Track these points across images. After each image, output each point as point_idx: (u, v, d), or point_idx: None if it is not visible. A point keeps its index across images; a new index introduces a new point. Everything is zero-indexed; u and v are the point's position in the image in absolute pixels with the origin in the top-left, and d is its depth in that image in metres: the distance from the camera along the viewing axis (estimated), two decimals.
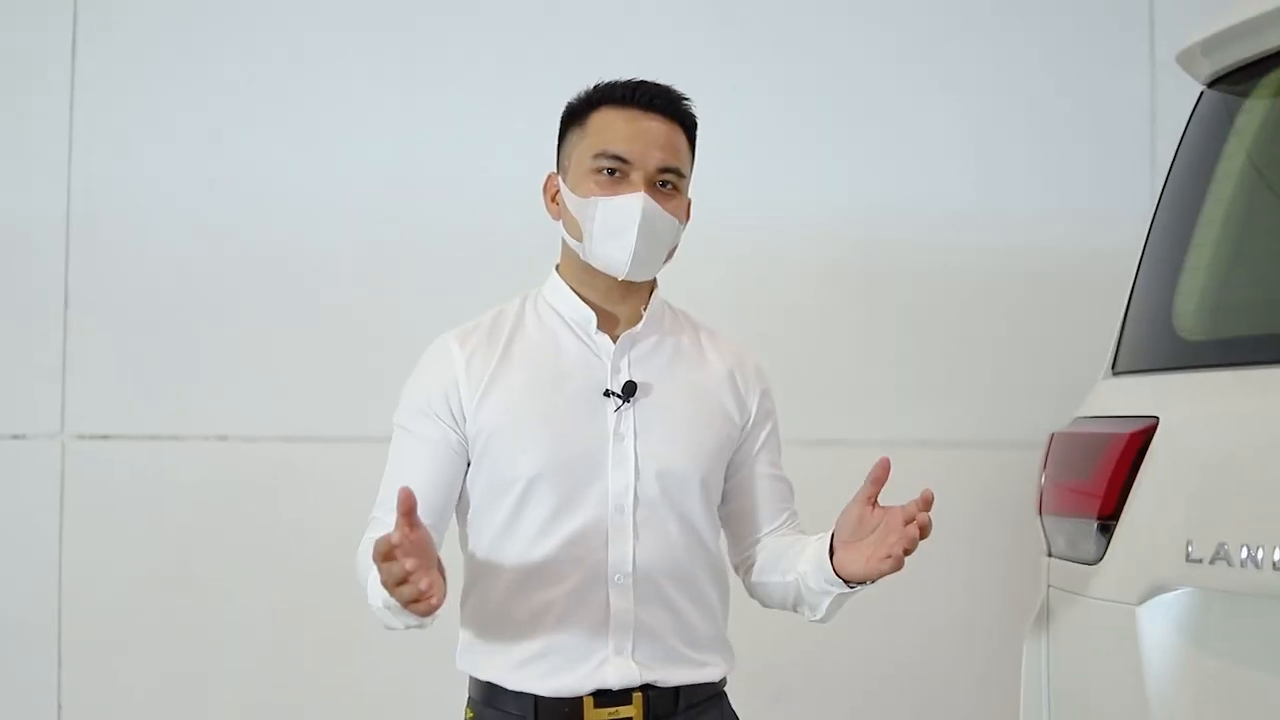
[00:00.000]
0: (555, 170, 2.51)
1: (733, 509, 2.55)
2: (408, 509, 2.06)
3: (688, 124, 2.46)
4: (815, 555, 2.38)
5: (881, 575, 2.27)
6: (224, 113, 3.92)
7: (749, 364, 2.56)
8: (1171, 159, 2.83)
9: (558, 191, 2.47)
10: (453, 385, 2.39)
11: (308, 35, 3.97)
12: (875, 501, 2.30)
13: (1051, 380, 3.54)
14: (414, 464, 2.38)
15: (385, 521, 2.29)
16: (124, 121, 3.89)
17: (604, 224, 2.36)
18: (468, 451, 2.39)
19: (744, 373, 2.54)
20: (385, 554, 2.05)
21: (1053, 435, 2.81)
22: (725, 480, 2.52)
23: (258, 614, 3.90)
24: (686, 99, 2.47)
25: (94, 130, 3.86)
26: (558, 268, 2.52)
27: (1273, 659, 2.28)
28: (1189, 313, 2.67)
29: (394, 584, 2.07)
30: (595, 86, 2.47)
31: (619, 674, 2.36)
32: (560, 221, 2.48)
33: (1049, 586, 2.74)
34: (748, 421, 2.52)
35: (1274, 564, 2.18)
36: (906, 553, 2.22)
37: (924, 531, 2.23)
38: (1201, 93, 2.79)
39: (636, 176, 2.38)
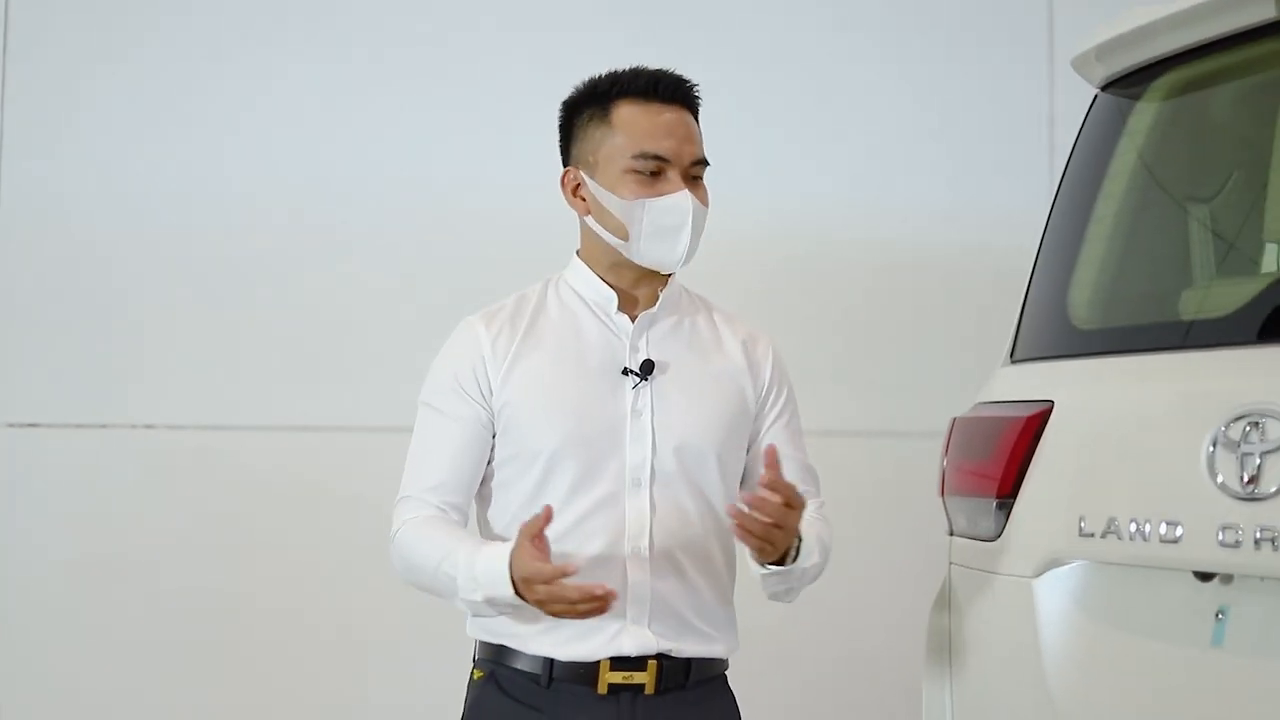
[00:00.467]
0: (569, 164, 2.53)
1: (750, 487, 2.54)
2: (536, 531, 2.21)
3: (697, 110, 2.51)
4: None
5: (755, 550, 2.34)
6: (150, 107, 3.97)
7: (762, 340, 2.62)
8: (1067, 159, 2.96)
9: (579, 185, 2.49)
10: (480, 362, 2.45)
11: (240, 29, 4.04)
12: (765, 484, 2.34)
13: (955, 369, 3.64)
14: (446, 442, 2.45)
15: (423, 500, 2.42)
16: (49, 117, 3.93)
17: (655, 224, 2.42)
18: (494, 426, 2.45)
19: (756, 348, 2.60)
20: (547, 598, 2.20)
21: (954, 420, 2.93)
22: (746, 456, 2.57)
23: (188, 600, 3.94)
24: (695, 85, 2.51)
25: (20, 126, 3.91)
26: (577, 253, 2.56)
27: (1158, 626, 2.42)
28: (1082, 304, 2.80)
29: (564, 612, 2.22)
30: (608, 78, 2.49)
31: (636, 642, 2.41)
32: (588, 216, 2.49)
33: (951, 564, 2.87)
34: (761, 393, 2.57)
35: (1160, 537, 2.33)
36: (763, 529, 2.29)
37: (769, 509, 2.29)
38: (1096, 96, 2.93)
39: (674, 173, 2.43)
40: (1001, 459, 2.68)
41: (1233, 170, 2.78)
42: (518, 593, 2.25)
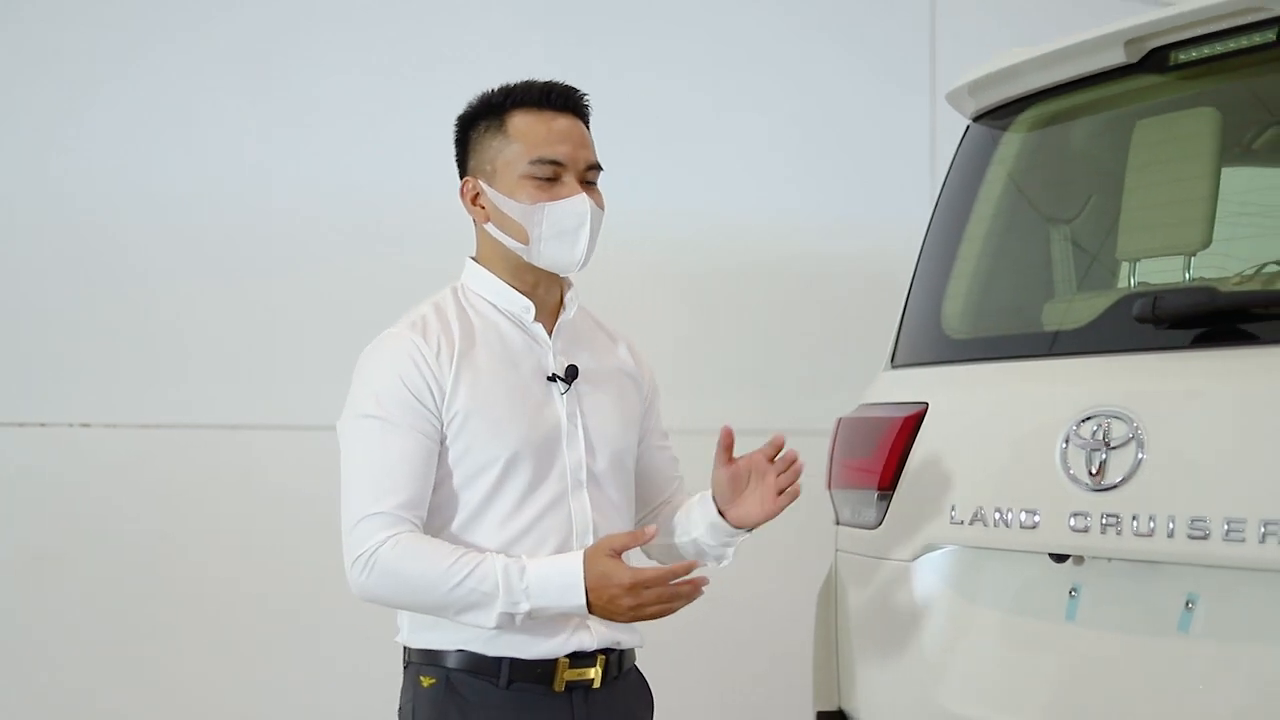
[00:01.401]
0: (466, 175, 2.55)
1: (638, 477, 2.66)
2: (622, 548, 2.33)
3: (588, 118, 2.55)
4: (705, 519, 2.57)
5: (783, 509, 2.51)
6: (63, 105, 4.00)
7: (636, 344, 2.73)
8: (943, 182, 3.23)
9: (478, 194, 2.52)
10: (429, 373, 2.42)
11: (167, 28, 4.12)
12: (733, 460, 2.52)
13: (840, 373, 3.87)
14: (407, 456, 2.40)
15: (397, 516, 2.37)
16: None
17: (554, 227, 2.45)
18: (441, 435, 2.44)
19: (635, 351, 2.71)
20: (657, 600, 2.32)
21: (840, 420, 3.19)
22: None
23: (122, 599, 3.99)
24: (585, 94, 2.55)
25: None
26: (475, 259, 2.58)
27: (1019, 602, 2.70)
28: (954, 315, 3.07)
29: (661, 612, 2.34)
30: (500, 91, 2.52)
31: (594, 637, 2.46)
32: (488, 223, 2.52)
33: (837, 550, 3.13)
34: (645, 393, 2.69)
35: (1020, 523, 2.61)
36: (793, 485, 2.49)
37: (795, 462, 2.51)
38: (968, 127, 3.20)
39: (569, 178, 2.47)
40: (882, 455, 2.94)
41: (1090, 195, 3.06)
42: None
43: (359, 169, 4.22)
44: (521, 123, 2.49)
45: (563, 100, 2.52)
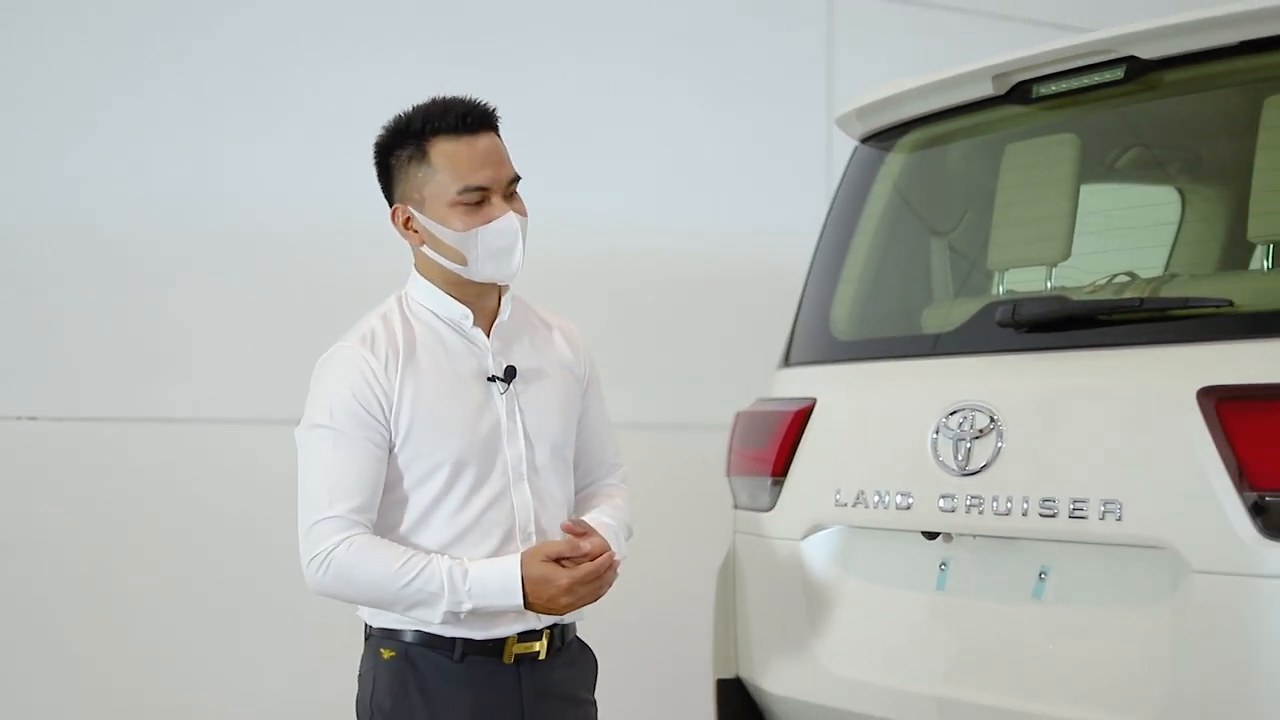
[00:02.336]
0: (396, 202, 2.63)
1: (576, 458, 2.79)
2: (558, 554, 2.51)
3: (498, 128, 2.63)
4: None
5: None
6: (71, 113, 4.19)
7: (574, 330, 2.82)
8: (833, 197, 3.53)
9: (409, 219, 2.61)
10: (378, 387, 2.54)
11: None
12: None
13: (739, 371, 4.11)
14: (357, 464, 2.53)
15: (351, 520, 2.50)
16: None
17: (488, 248, 2.57)
18: (391, 443, 2.56)
19: (573, 337, 2.80)
20: (583, 581, 2.50)
21: (738, 414, 3.48)
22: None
23: (67, 588, 4.13)
24: (495, 107, 2.62)
25: None
26: (417, 269, 2.68)
27: (896, 575, 3.01)
28: (842, 318, 3.36)
29: (585, 597, 2.53)
30: (418, 117, 2.59)
31: (539, 617, 2.60)
32: (423, 246, 2.61)
33: (735, 532, 3.41)
34: (584, 380, 2.79)
35: (896, 505, 2.92)
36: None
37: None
38: (856, 148, 3.49)
39: (496, 197, 2.58)
40: (775, 445, 3.23)
41: (965, 211, 3.36)
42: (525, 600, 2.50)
43: (351, 174, 4.38)
44: (444, 151, 2.57)
45: (479, 121, 2.59)
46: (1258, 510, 2.39)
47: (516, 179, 2.62)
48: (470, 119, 2.58)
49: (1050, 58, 2.96)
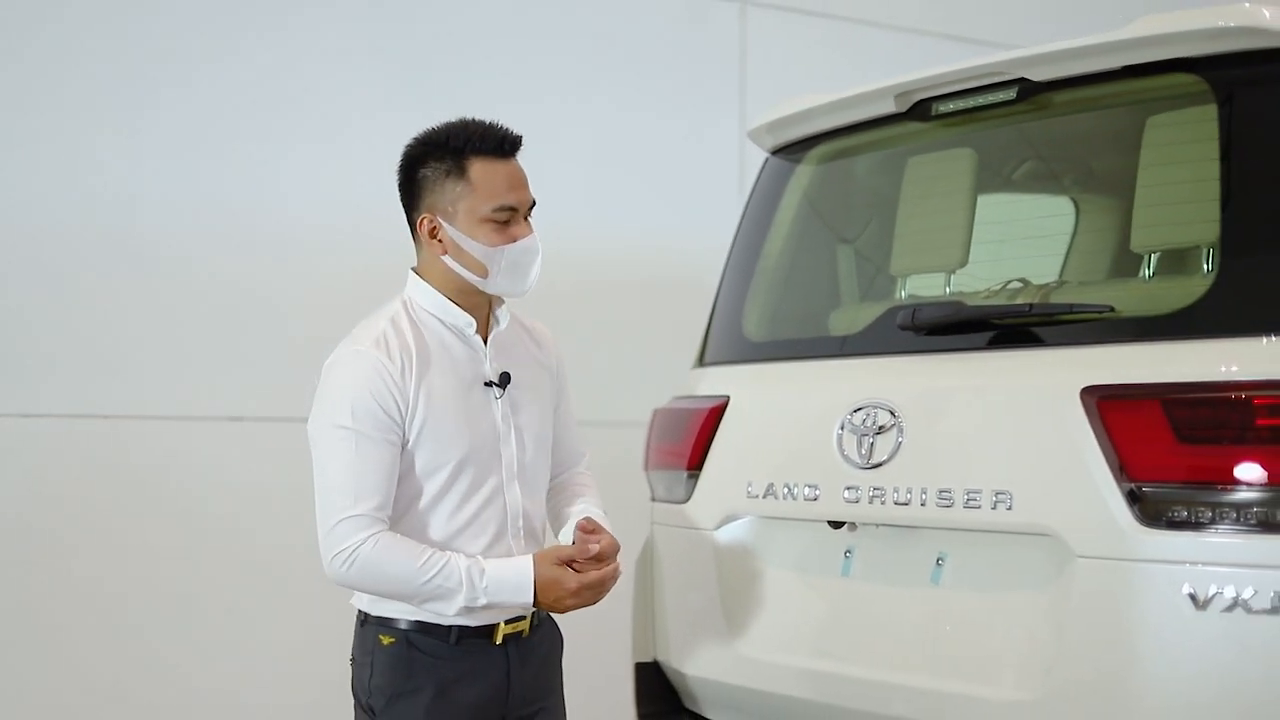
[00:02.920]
0: (423, 211, 2.78)
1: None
2: (569, 558, 2.72)
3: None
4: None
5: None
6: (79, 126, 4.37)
7: (544, 330, 3.01)
8: (744, 207, 3.70)
9: (436, 229, 2.76)
10: (395, 389, 2.69)
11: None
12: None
13: (656, 370, 4.24)
14: (378, 464, 2.68)
15: (374, 518, 2.66)
16: None
17: (512, 263, 2.76)
18: (404, 442, 2.72)
19: (544, 337, 2.99)
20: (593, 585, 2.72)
21: (655, 411, 3.64)
22: None
23: (56, 586, 4.30)
24: (521, 135, 2.81)
25: None
26: (420, 276, 2.82)
27: (804, 562, 3.20)
28: (753, 321, 3.54)
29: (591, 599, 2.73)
30: (459, 135, 2.76)
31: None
32: (445, 255, 2.77)
33: (653, 523, 3.58)
34: (557, 379, 2.99)
35: (804, 496, 3.10)
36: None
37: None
38: (767, 160, 3.67)
39: (519, 217, 2.78)
40: (690, 440, 3.39)
41: (870, 220, 3.55)
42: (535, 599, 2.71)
43: (359, 180, 4.60)
44: (481, 171, 2.75)
45: (512, 147, 2.80)
46: (1134, 499, 2.59)
47: (534, 203, 2.82)
48: (507, 144, 2.78)
49: (948, 78, 3.16)
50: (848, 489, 3.01)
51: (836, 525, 3.10)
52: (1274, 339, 2.57)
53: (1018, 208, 3.49)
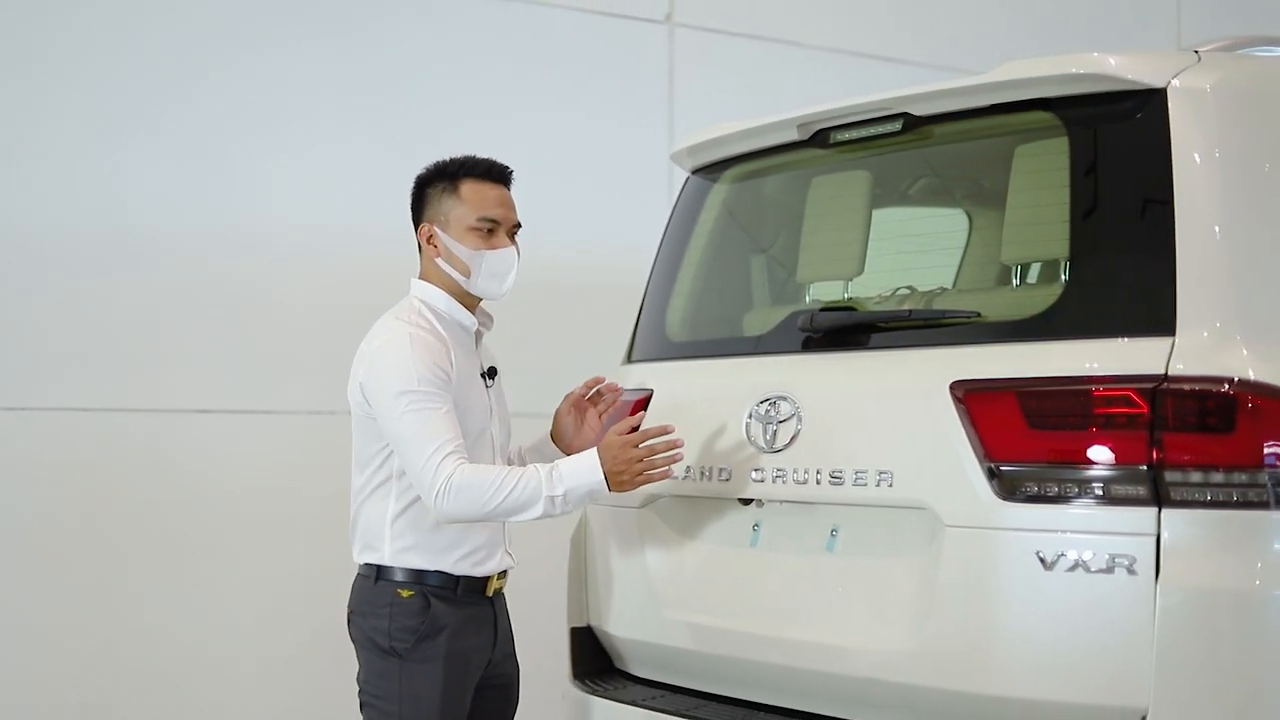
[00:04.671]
0: (425, 222, 3.37)
1: None
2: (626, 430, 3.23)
3: (511, 185, 3.42)
4: (550, 454, 3.54)
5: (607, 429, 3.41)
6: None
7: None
8: (667, 221, 4.06)
9: (432, 236, 3.35)
10: (446, 363, 3.24)
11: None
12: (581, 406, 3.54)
13: (588, 365, 4.51)
14: (448, 416, 3.19)
15: (459, 454, 3.16)
16: None
17: (490, 269, 3.34)
18: None
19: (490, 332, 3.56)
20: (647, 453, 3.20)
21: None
22: None
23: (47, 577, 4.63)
24: (512, 169, 3.41)
25: None
26: (426, 281, 3.36)
27: (718, 536, 3.56)
28: (675, 322, 3.89)
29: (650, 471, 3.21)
30: (456, 163, 3.36)
31: (510, 559, 3.44)
32: (438, 258, 3.34)
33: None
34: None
35: (718, 477, 3.47)
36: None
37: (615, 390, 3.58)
38: (687, 179, 4.02)
39: (502, 232, 3.36)
40: None
41: (779, 233, 3.90)
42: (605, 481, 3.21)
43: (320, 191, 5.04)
44: (470, 188, 3.35)
45: (499, 175, 3.39)
46: (993, 477, 2.98)
47: (519, 226, 3.40)
48: (494, 171, 3.39)
49: (842, 112, 3.53)
50: (755, 471, 3.38)
51: (746, 502, 3.47)
52: (1110, 341, 2.96)
53: (910, 223, 3.84)
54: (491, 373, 3.45)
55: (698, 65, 5.89)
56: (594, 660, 3.87)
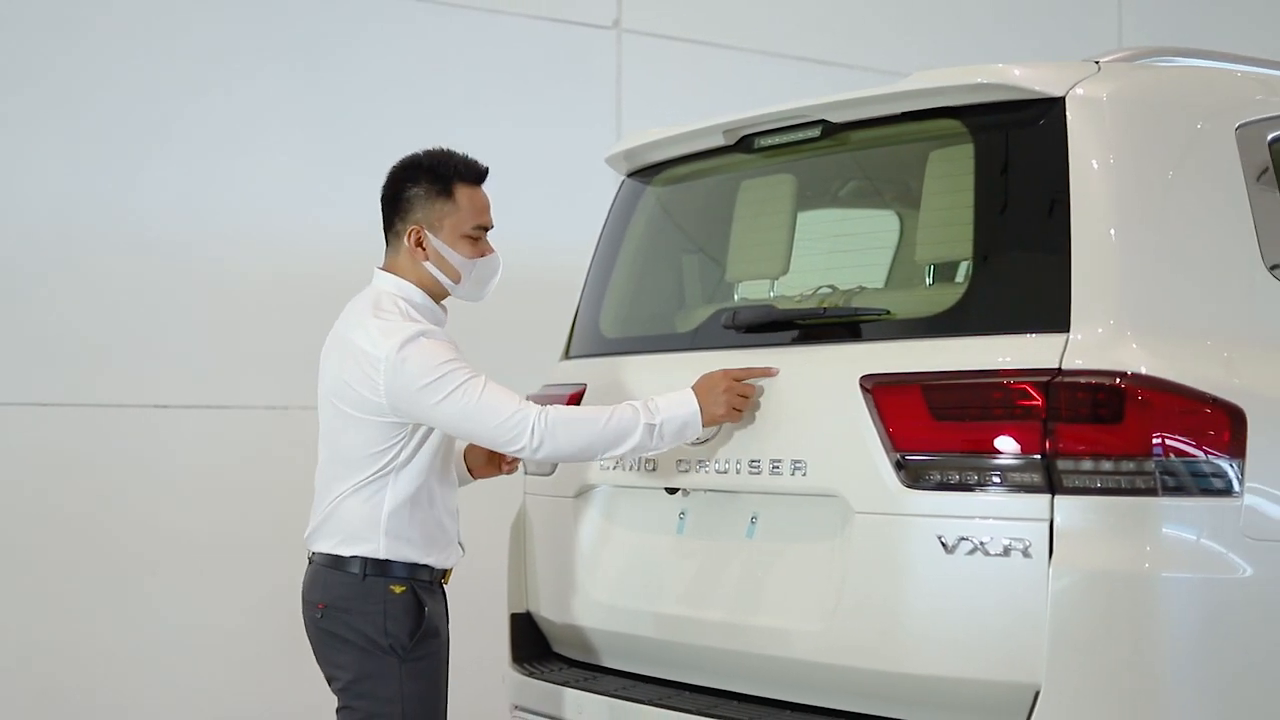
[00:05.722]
0: (414, 225, 3.37)
1: None
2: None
3: None
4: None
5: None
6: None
7: None
8: (604, 222, 4.21)
9: (422, 239, 3.37)
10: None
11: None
12: None
13: (531, 360, 4.57)
14: (487, 377, 3.30)
15: (530, 403, 3.29)
16: None
17: (479, 276, 3.44)
18: None
19: None
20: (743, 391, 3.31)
21: (526, 397, 4.11)
22: None
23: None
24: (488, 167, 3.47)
25: None
26: (397, 276, 3.39)
27: (647, 523, 3.72)
28: (609, 320, 4.04)
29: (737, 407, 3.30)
30: (447, 164, 3.39)
31: (462, 549, 3.54)
32: (426, 261, 3.38)
33: (525, 493, 4.10)
34: None
35: (646, 468, 3.64)
36: None
37: None
38: (622, 182, 4.17)
39: (485, 236, 3.45)
40: None
41: (710, 234, 4.04)
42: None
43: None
44: (465, 194, 3.40)
45: (484, 177, 3.45)
46: (900, 466, 3.14)
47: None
48: (483, 174, 3.46)
49: (765, 119, 3.69)
50: (680, 461, 3.53)
51: (672, 492, 3.62)
52: (1009, 337, 3.12)
53: (833, 224, 3.97)
54: None
55: (645, 70, 6.02)
56: (533, 645, 4.01)
